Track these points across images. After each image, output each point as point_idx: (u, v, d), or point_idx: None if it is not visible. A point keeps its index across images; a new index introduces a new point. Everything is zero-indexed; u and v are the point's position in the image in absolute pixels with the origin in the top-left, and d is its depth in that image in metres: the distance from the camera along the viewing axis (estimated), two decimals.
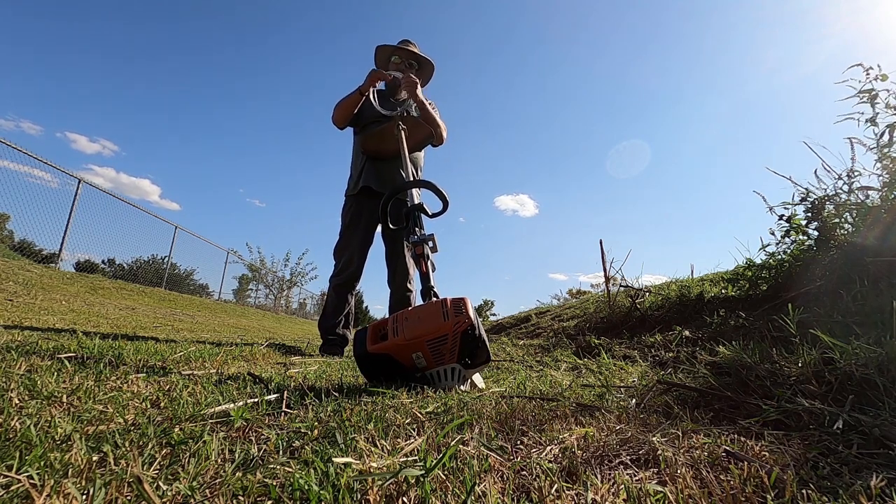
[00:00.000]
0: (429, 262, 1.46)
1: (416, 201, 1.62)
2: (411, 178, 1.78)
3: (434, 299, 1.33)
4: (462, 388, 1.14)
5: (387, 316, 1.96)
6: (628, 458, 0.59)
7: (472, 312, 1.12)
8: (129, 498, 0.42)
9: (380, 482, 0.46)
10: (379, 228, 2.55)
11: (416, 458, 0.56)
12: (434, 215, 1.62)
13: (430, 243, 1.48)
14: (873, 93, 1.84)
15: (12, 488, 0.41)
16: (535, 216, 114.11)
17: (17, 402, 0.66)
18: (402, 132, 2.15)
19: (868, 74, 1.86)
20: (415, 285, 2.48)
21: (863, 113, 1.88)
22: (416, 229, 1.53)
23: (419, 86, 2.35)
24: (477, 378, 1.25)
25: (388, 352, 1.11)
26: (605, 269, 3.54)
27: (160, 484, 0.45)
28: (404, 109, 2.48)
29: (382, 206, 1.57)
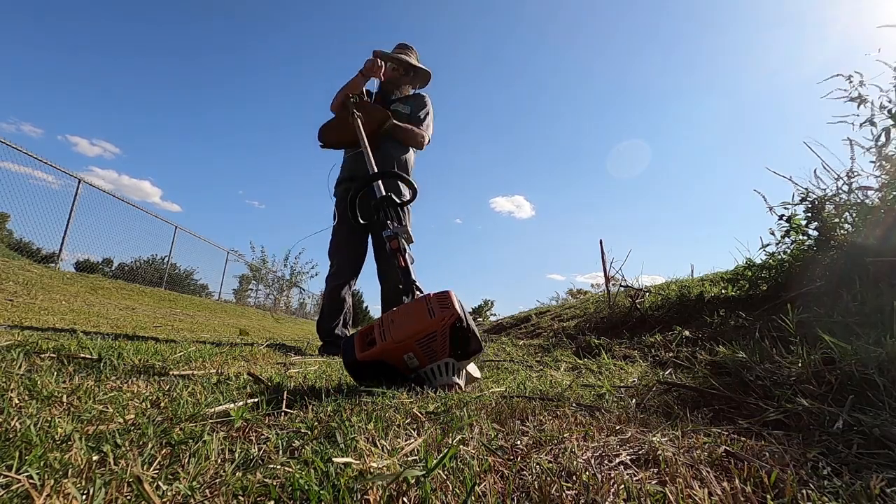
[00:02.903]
0: (406, 256, 1.42)
1: (384, 193, 1.58)
2: (375, 170, 1.71)
3: (418, 294, 1.31)
4: (459, 381, 1.13)
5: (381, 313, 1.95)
6: (628, 458, 0.59)
7: (457, 305, 1.10)
8: (129, 498, 0.42)
9: (380, 482, 0.46)
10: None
11: (417, 458, 0.56)
12: (403, 204, 1.59)
13: (405, 235, 1.44)
14: (863, 98, 1.91)
15: (12, 488, 0.41)
16: (532, 217, 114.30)
17: (17, 402, 0.66)
18: (358, 119, 2.04)
19: (851, 82, 1.94)
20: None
21: (858, 115, 1.92)
22: (389, 222, 1.49)
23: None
24: (472, 368, 1.24)
25: (379, 357, 1.09)
26: (605, 269, 3.54)
27: (160, 484, 0.45)
28: (394, 110, 2.44)
29: (350, 202, 1.55)
